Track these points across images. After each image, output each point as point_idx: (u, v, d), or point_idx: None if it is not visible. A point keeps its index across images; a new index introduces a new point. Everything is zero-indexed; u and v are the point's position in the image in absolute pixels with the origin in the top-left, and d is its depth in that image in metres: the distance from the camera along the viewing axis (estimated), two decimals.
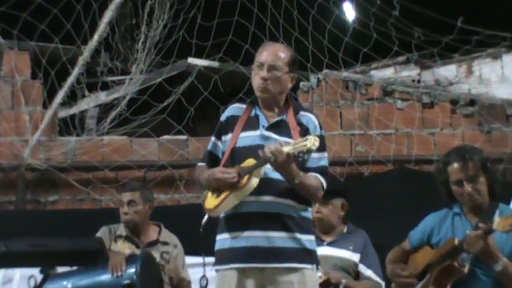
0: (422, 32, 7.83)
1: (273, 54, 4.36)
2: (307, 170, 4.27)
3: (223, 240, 4.34)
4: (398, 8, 7.82)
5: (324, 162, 4.34)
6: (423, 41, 7.91)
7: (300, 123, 4.34)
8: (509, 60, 8.53)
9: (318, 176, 4.29)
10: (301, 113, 4.39)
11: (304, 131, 4.30)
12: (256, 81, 4.37)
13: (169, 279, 5.83)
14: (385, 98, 8.16)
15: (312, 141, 4.07)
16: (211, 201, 4.30)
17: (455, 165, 4.42)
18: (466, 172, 4.39)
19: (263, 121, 4.36)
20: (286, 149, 4.11)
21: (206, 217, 4.37)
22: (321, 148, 4.27)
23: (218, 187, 4.27)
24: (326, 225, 5.66)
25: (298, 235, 4.26)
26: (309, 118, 4.37)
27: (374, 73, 8.54)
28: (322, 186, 4.31)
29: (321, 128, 4.38)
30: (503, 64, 8.55)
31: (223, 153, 4.39)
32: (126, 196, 5.91)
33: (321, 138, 4.28)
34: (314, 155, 4.28)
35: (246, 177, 4.20)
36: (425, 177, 7.42)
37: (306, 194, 4.29)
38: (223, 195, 4.25)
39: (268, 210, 4.24)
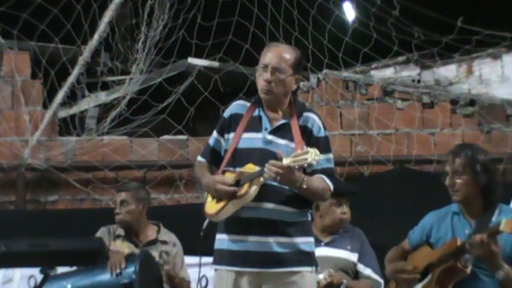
0: (422, 32, 7.83)
1: (277, 56, 4.32)
2: (313, 172, 4.24)
3: (221, 240, 4.35)
4: (398, 8, 7.81)
5: (330, 164, 4.32)
6: (423, 41, 7.91)
7: (303, 126, 4.31)
8: (509, 60, 8.54)
9: (324, 177, 4.27)
10: (305, 114, 4.35)
11: (309, 134, 4.28)
12: (260, 83, 4.34)
13: (169, 279, 5.83)
14: (385, 98, 8.15)
15: (313, 156, 4.01)
16: (211, 206, 4.30)
17: (448, 158, 4.51)
18: (452, 165, 4.46)
19: (266, 124, 4.34)
20: (286, 161, 4.06)
21: (207, 222, 4.37)
22: (326, 150, 4.28)
23: (217, 196, 4.28)
24: (345, 225, 5.67)
25: (297, 239, 4.26)
26: (313, 120, 4.33)
27: (374, 73, 8.54)
28: (329, 188, 4.29)
29: (324, 128, 4.36)
30: (503, 64, 8.56)
31: (225, 151, 4.38)
32: (119, 196, 5.96)
33: (325, 139, 4.30)
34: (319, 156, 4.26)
35: (246, 185, 4.18)
36: (425, 177, 7.44)
37: (313, 197, 4.29)
38: (223, 202, 4.25)
39: (268, 217, 4.23)
